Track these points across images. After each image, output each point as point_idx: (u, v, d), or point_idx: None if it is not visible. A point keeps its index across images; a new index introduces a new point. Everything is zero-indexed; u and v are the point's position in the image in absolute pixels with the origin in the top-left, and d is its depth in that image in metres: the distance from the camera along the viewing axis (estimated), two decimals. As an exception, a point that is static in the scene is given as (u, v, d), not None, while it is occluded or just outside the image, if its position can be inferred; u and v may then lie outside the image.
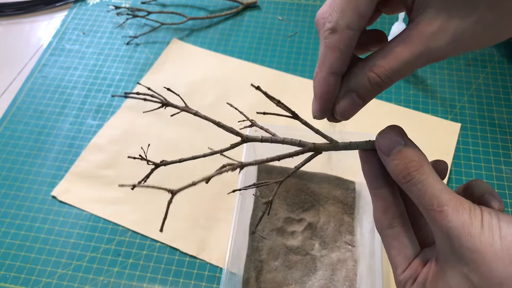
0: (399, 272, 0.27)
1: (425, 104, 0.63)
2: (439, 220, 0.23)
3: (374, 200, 0.28)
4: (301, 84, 0.66)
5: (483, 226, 0.23)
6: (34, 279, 0.50)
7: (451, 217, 0.23)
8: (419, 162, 0.25)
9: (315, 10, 0.76)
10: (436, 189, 0.24)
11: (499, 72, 0.66)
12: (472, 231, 0.23)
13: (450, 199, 0.24)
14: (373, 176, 0.28)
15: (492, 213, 0.23)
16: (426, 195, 0.24)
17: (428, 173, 0.25)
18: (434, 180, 0.25)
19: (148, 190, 0.57)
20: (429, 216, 0.24)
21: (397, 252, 0.27)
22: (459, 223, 0.23)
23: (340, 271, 0.48)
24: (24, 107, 0.65)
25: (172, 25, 0.74)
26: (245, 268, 0.48)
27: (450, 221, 0.23)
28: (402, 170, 0.25)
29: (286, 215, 0.52)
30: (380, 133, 0.27)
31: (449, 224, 0.23)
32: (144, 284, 0.49)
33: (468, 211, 0.23)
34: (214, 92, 0.65)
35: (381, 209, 0.27)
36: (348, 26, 0.25)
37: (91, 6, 0.78)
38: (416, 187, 0.24)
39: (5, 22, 0.78)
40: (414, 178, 0.25)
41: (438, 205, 0.24)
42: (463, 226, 0.23)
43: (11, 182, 0.57)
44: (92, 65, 0.70)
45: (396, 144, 0.26)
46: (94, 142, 0.61)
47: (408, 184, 0.25)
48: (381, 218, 0.27)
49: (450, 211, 0.23)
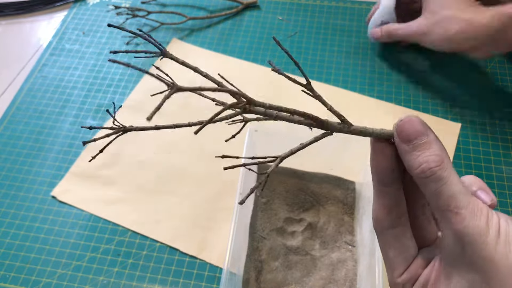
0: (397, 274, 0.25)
1: (425, 104, 0.63)
2: (454, 223, 0.22)
3: (380, 197, 0.26)
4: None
5: (500, 236, 0.22)
6: (34, 279, 0.50)
7: (468, 221, 0.22)
8: (442, 157, 0.24)
9: (315, 10, 0.76)
10: (455, 189, 0.23)
11: (499, 72, 0.66)
12: (488, 239, 0.21)
13: (468, 202, 0.22)
14: (383, 170, 0.25)
15: (509, 221, 0.22)
16: (444, 194, 0.23)
17: (450, 171, 0.23)
18: (455, 179, 0.23)
19: (148, 190, 0.57)
20: (443, 216, 0.23)
21: (397, 253, 0.26)
22: (476, 229, 0.22)
23: (340, 271, 0.48)
24: (24, 107, 0.65)
25: (172, 25, 0.74)
26: (245, 268, 0.48)
27: (466, 226, 0.22)
28: (422, 163, 0.23)
29: (286, 215, 0.52)
30: (402, 120, 0.24)
31: (465, 229, 0.22)
32: (144, 284, 0.49)
33: (485, 217, 0.22)
34: (214, 91, 0.65)
35: (385, 208, 0.26)
36: None
37: (91, 6, 0.78)
38: (435, 185, 0.23)
39: (5, 22, 0.77)
40: (435, 174, 0.23)
41: (455, 207, 0.22)
42: (479, 233, 0.22)
43: (11, 182, 0.57)
44: (92, 65, 0.70)
45: (419, 134, 0.24)
46: (94, 142, 0.60)
47: (427, 180, 0.23)
48: (383, 218, 0.26)
49: (468, 215, 0.22)
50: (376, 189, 0.26)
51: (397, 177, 0.26)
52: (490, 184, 0.55)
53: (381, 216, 0.26)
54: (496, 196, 0.54)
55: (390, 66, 0.67)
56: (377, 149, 0.26)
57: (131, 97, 0.65)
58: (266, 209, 0.52)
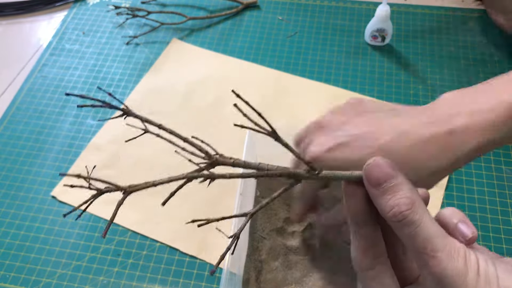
0: None
1: (425, 104, 0.63)
2: (431, 266, 0.22)
3: (355, 239, 0.25)
4: (301, 84, 0.66)
5: (479, 276, 0.21)
6: (34, 279, 0.50)
7: (446, 264, 0.22)
8: (412, 200, 0.23)
9: (315, 10, 0.76)
10: (430, 232, 0.22)
11: (499, 72, 0.66)
12: (467, 280, 0.21)
13: (444, 244, 0.22)
14: (357, 212, 0.25)
15: (488, 261, 0.22)
16: (419, 238, 0.22)
17: (422, 213, 0.23)
18: (428, 221, 0.23)
19: (148, 190, 0.57)
20: (420, 260, 0.23)
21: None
22: (454, 271, 0.21)
23: (340, 271, 0.48)
24: (24, 107, 0.65)
25: (172, 25, 0.74)
26: (245, 268, 0.48)
27: (444, 269, 0.22)
28: (393, 207, 0.23)
29: (286, 215, 0.52)
30: (369, 164, 0.24)
31: (443, 272, 0.22)
32: (144, 284, 0.49)
33: (463, 258, 0.22)
34: (214, 92, 0.65)
35: (362, 249, 0.25)
36: None
37: (91, 6, 0.78)
38: (408, 228, 0.23)
39: (5, 22, 0.77)
40: (406, 218, 0.23)
41: (431, 250, 0.22)
42: (458, 275, 0.21)
43: (11, 182, 0.57)
44: (92, 65, 0.70)
45: (388, 177, 0.23)
46: (94, 142, 0.61)
47: (400, 224, 0.23)
48: (360, 259, 0.25)
49: (445, 258, 0.22)
50: (352, 230, 0.26)
51: (370, 219, 0.25)
52: (490, 184, 0.55)
53: (357, 257, 0.25)
54: (496, 196, 0.54)
55: (390, 66, 0.68)
56: (349, 192, 0.25)
57: (131, 97, 0.65)
58: (266, 209, 0.52)
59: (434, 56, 0.68)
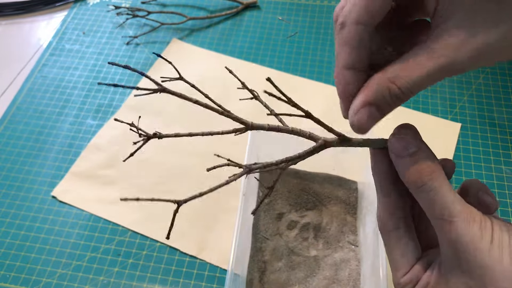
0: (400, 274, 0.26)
1: (425, 104, 0.63)
2: (447, 231, 0.23)
3: (381, 201, 0.27)
4: (301, 84, 0.66)
5: (493, 241, 0.22)
6: (34, 279, 0.50)
7: (461, 230, 0.22)
8: (432, 168, 0.24)
9: (315, 10, 0.76)
10: (447, 198, 0.23)
11: (499, 72, 0.66)
12: (481, 246, 0.22)
13: (461, 210, 0.23)
14: (383, 176, 0.26)
15: (503, 227, 0.23)
16: (436, 204, 0.23)
17: (441, 181, 0.24)
18: (446, 189, 0.23)
19: (148, 190, 0.57)
20: (437, 225, 0.23)
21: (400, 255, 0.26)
22: (469, 236, 0.22)
23: (344, 271, 0.48)
24: (24, 107, 0.65)
25: (172, 25, 0.74)
26: (248, 269, 0.48)
27: (460, 234, 0.22)
28: (413, 174, 0.24)
29: (289, 215, 0.52)
30: (394, 133, 0.26)
31: (458, 237, 0.22)
32: (144, 284, 0.49)
33: (478, 223, 0.22)
34: (214, 92, 0.65)
35: (387, 210, 0.26)
36: (357, 21, 0.23)
37: (91, 6, 0.78)
38: (427, 195, 0.23)
39: (5, 22, 0.78)
40: (425, 185, 0.23)
41: (448, 216, 0.23)
42: (472, 241, 0.22)
43: (11, 182, 0.57)
44: (92, 65, 0.70)
45: (410, 147, 0.25)
46: (94, 142, 0.61)
47: (419, 190, 0.24)
48: (386, 219, 0.26)
49: (460, 223, 0.22)
50: (377, 191, 0.27)
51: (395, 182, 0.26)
52: (490, 184, 0.55)
53: (384, 217, 0.27)
54: (496, 196, 0.54)
55: (390, 66, 0.67)
56: (375, 157, 0.27)
57: (132, 97, 0.65)
58: (268, 210, 0.52)
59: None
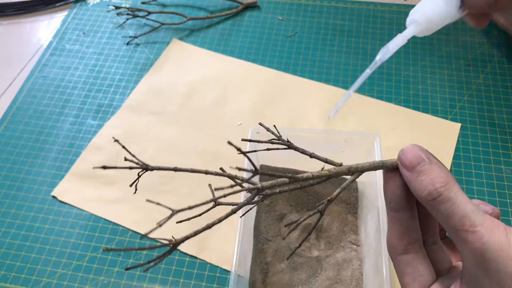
0: None
1: (425, 104, 0.63)
2: (472, 242, 0.22)
3: (391, 224, 0.26)
4: (301, 84, 0.66)
5: None
6: (34, 279, 0.50)
7: (487, 238, 0.21)
8: (446, 178, 0.24)
9: (315, 10, 0.76)
10: (467, 208, 0.22)
11: (499, 72, 0.66)
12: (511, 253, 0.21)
13: (483, 219, 0.22)
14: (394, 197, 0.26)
15: None
16: (456, 215, 0.22)
17: (457, 190, 0.23)
18: (464, 198, 0.23)
19: (148, 191, 0.57)
20: (459, 237, 0.22)
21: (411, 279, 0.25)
22: (496, 245, 0.21)
23: (346, 270, 0.48)
24: (24, 107, 0.65)
25: (172, 25, 0.74)
26: (251, 271, 0.48)
27: (486, 243, 0.21)
28: (428, 186, 0.23)
29: (290, 217, 0.52)
30: (403, 149, 0.26)
31: (485, 246, 0.21)
32: (144, 284, 0.49)
33: (504, 232, 0.22)
34: (214, 92, 0.65)
35: (397, 233, 0.26)
36: None
37: (91, 6, 0.78)
38: (444, 206, 0.23)
39: (5, 22, 0.78)
40: (441, 195, 0.23)
41: (470, 225, 0.22)
42: (501, 249, 0.21)
43: (11, 182, 0.57)
44: (92, 65, 0.70)
45: (420, 160, 0.24)
46: (94, 142, 0.61)
47: (435, 202, 0.23)
48: (395, 243, 0.26)
49: (485, 232, 0.21)
50: (388, 214, 0.27)
51: (406, 205, 0.26)
52: (490, 184, 0.55)
53: (393, 241, 0.26)
54: (496, 196, 0.54)
55: (390, 66, 0.68)
56: (386, 178, 0.27)
57: (132, 97, 0.65)
58: (269, 211, 0.52)
59: (434, 56, 0.68)
